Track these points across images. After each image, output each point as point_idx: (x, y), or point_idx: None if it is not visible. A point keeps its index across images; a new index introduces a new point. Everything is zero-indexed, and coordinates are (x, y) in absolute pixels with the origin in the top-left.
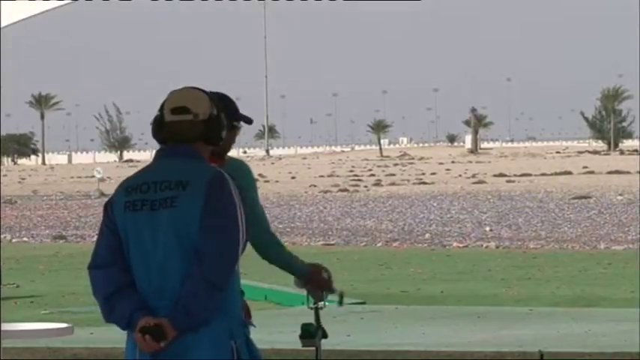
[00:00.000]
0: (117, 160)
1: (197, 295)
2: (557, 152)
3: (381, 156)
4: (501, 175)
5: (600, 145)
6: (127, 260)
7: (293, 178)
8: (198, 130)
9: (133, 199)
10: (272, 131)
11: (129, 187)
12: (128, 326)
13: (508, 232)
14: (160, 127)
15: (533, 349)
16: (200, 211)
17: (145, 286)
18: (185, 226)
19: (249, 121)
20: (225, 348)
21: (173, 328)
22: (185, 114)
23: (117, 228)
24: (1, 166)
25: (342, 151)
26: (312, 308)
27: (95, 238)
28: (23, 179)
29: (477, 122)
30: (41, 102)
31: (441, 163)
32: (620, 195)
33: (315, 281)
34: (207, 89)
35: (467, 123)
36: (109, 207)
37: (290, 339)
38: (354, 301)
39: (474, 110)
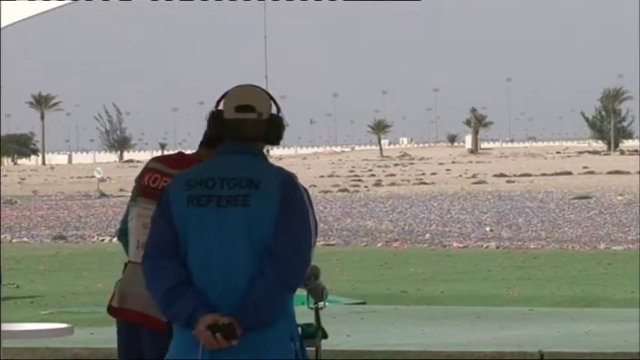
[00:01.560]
0: (117, 160)
1: (270, 294)
2: (557, 152)
3: (382, 156)
4: (501, 175)
5: (600, 145)
6: (182, 254)
7: None
8: (261, 129)
9: (197, 193)
10: None
11: (190, 180)
12: (187, 323)
13: (508, 232)
14: (219, 123)
15: (533, 349)
16: (275, 212)
17: (203, 283)
18: (259, 225)
19: None
20: (288, 350)
21: (240, 326)
22: (250, 112)
23: (173, 221)
24: (1, 166)
25: (342, 151)
26: (312, 308)
27: (95, 238)
28: (23, 179)
29: (477, 122)
30: (41, 102)
31: (441, 164)
32: (620, 195)
33: None
34: (208, 90)
35: (467, 123)
36: (164, 200)
37: None
38: (354, 301)
39: (474, 110)
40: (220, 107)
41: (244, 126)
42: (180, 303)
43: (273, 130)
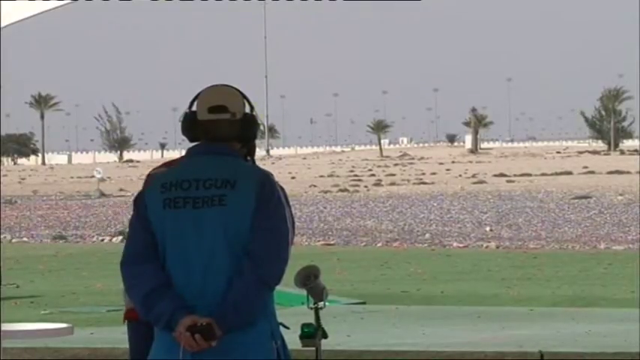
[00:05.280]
0: (117, 160)
1: (249, 294)
2: (558, 152)
3: (381, 156)
4: (501, 175)
5: (600, 145)
6: (160, 257)
7: (293, 178)
8: (235, 129)
9: (172, 196)
10: (272, 131)
11: (165, 183)
12: (167, 325)
13: (508, 232)
14: (193, 125)
15: (533, 349)
16: (251, 212)
17: (183, 285)
18: (235, 225)
19: None
20: (268, 349)
21: (219, 327)
22: (223, 113)
23: (150, 225)
24: (1, 166)
25: (342, 151)
26: (312, 308)
27: (95, 238)
28: (23, 179)
29: (477, 122)
30: (41, 102)
31: (441, 163)
32: (620, 195)
33: None
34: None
35: (467, 123)
36: (140, 204)
37: (290, 339)
38: (354, 301)
39: (474, 110)
40: (194, 109)
41: (218, 127)
42: (160, 306)
43: (248, 129)
